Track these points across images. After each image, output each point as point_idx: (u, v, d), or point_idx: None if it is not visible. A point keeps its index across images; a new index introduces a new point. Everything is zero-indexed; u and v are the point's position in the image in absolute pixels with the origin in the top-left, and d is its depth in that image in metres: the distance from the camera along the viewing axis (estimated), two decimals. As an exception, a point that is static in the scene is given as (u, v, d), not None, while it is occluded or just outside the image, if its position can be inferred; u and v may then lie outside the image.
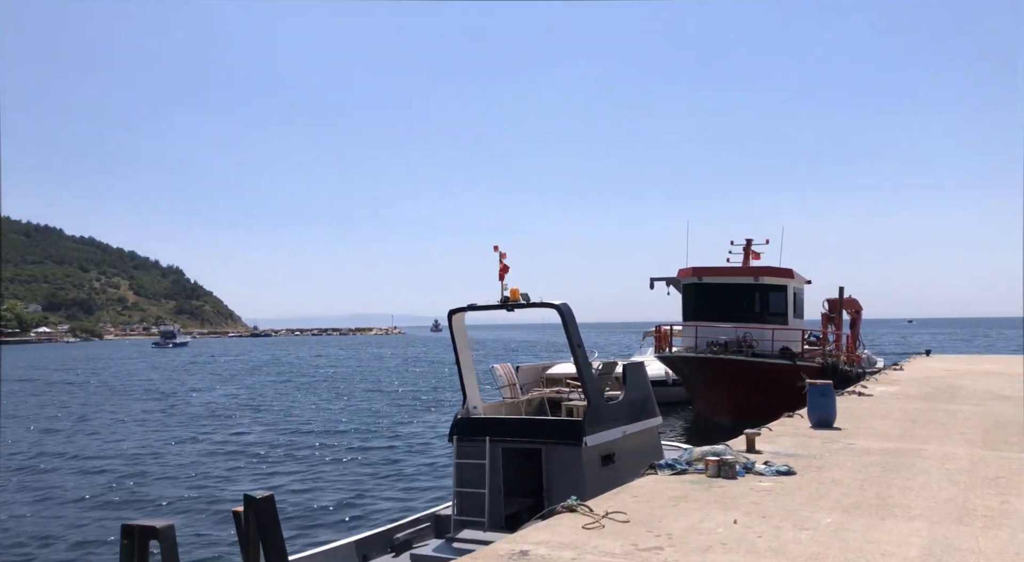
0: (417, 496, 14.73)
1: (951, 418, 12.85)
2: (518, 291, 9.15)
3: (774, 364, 20.72)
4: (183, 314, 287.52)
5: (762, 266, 23.19)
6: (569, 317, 8.95)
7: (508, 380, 10.53)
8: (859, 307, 27.86)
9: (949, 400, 15.56)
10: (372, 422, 26.55)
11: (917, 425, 12.09)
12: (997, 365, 25.72)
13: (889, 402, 15.36)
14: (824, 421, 12.01)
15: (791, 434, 11.31)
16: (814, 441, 10.62)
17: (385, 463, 18.72)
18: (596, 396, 9.12)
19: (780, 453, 9.55)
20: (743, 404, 20.45)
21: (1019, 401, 15.16)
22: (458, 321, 9.69)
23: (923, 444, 10.26)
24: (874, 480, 7.90)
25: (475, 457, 9.20)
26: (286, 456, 20.17)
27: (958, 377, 20.99)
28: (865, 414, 13.57)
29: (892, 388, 18.17)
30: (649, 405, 10.40)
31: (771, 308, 22.68)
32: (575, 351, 8.95)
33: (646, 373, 10.55)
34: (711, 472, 8.10)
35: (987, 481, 7.82)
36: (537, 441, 8.97)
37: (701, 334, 22.10)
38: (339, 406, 32.53)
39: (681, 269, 23.71)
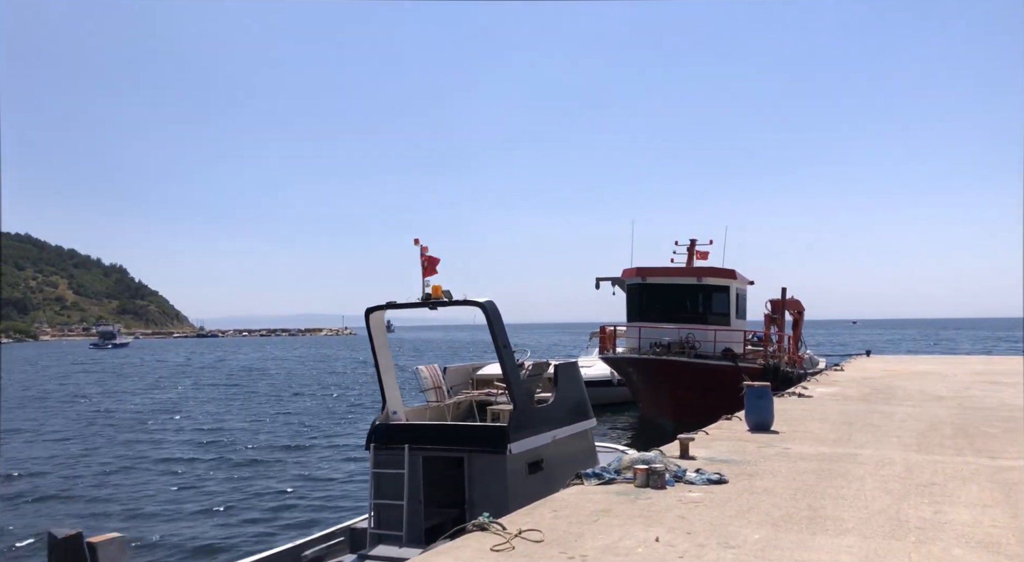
0: (336, 508, 13.93)
1: (887, 420, 12.71)
2: (440, 288, 8.58)
3: (716, 365, 20.56)
4: (127, 314, 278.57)
5: (705, 267, 23.06)
6: (494, 315, 8.42)
7: (433, 382, 9.95)
8: (801, 308, 28.01)
9: (886, 401, 15.51)
10: (299, 428, 25.24)
11: (854, 428, 11.90)
12: (933, 365, 26.11)
13: (828, 404, 15.23)
14: (761, 424, 11.72)
15: (727, 438, 10.97)
16: (750, 446, 10.29)
17: (305, 473, 17.66)
18: (523, 399, 8.60)
19: (714, 459, 9.17)
20: (685, 405, 20.24)
21: (953, 402, 15.18)
22: (376, 320, 9.08)
23: (859, 448, 10.01)
24: (807, 489, 7.54)
25: (393, 466, 8.60)
26: (195, 465, 18.87)
27: (896, 378, 21.13)
28: (803, 416, 13.36)
29: (832, 389, 18.12)
30: (583, 407, 9.94)
31: (714, 309, 22.55)
32: (500, 351, 8.42)
33: (580, 374, 10.09)
34: (639, 482, 7.65)
35: (921, 488, 7.54)
36: (459, 449, 8.41)
37: (644, 335, 21.83)
38: (268, 411, 31.02)
39: (626, 269, 23.44)
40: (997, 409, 13.95)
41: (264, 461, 19.36)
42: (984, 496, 7.20)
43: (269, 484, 16.48)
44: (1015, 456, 9.35)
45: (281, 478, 17.08)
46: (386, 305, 8.84)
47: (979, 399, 15.58)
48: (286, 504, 14.60)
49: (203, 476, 17.50)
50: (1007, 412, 13.55)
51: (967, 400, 15.44)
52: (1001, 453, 9.54)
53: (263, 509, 14.18)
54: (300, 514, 13.76)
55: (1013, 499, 7.07)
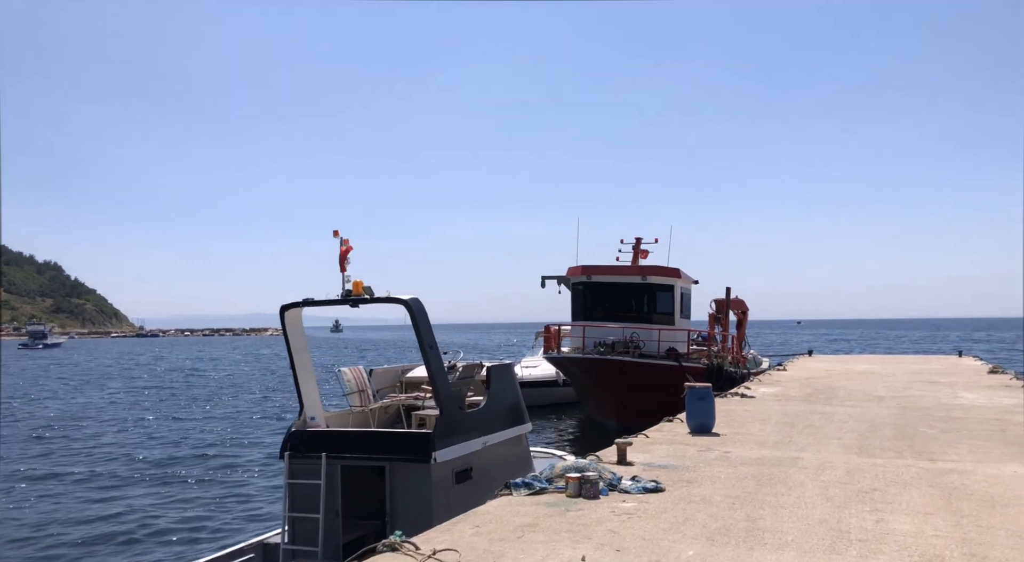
0: (247, 522, 13.03)
1: (828, 421, 12.54)
2: (361, 284, 7.98)
3: (660, 365, 20.34)
4: (61, 313, 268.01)
5: (650, 265, 22.84)
6: (419, 313, 7.85)
7: (357, 385, 9.33)
8: (745, 308, 28.06)
9: (827, 401, 15.43)
10: (216, 433, 23.62)
11: (795, 429, 11.68)
12: (872, 365, 26.43)
13: (770, 404, 15.06)
14: (702, 426, 11.41)
15: (667, 441, 10.62)
16: (690, 450, 9.94)
17: (216, 483, 16.36)
18: (450, 404, 8.05)
19: (652, 464, 8.78)
20: (629, 405, 19.96)
21: (892, 402, 15.17)
22: (292, 318, 8.43)
23: (800, 451, 9.74)
24: (746, 497, 7.17)
25: (309, 476, 7.97)
26: (98, 475, 17.27)
27: (837, 377, 21.23)
28: (745, 418, 13.13)
29: (774, 389, 18.04)
30: (517, 411, 9.44)
31: (658, 308, 22.34)
32: (426, 352, 7.87)
33: (514, 375, 9.59)
34: (571, 491, 7.18)
35: (862, 495, 7.24)
36: (380, 457, 7.82)
37: (589, 334, 21.48)
38: (186, 415, 29.05)
39: (571, 267, 23.07)
40: (934, 409, 13.95)
41: (171, 470, 17.95)
42: (926, 503, 6.93)
43: (174, 496, 15.18)
44: (954, 459, 9.19)
45: (188, 489, 15.78)
46: (302, 303, 8.20)
47: (917, 399, 15.62)
48: (193, 518, 13.42)
49: (102, 488, 16.01)
50: (944, 412, 13.55)
51: (906, 400, 15.46)
52: (940, 456, 9.38)
53: (167, 524, 13.02)
54: (208, 529, 12.70)
55: (954, 506, 6.81)
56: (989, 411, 13.58)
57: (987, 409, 13.85)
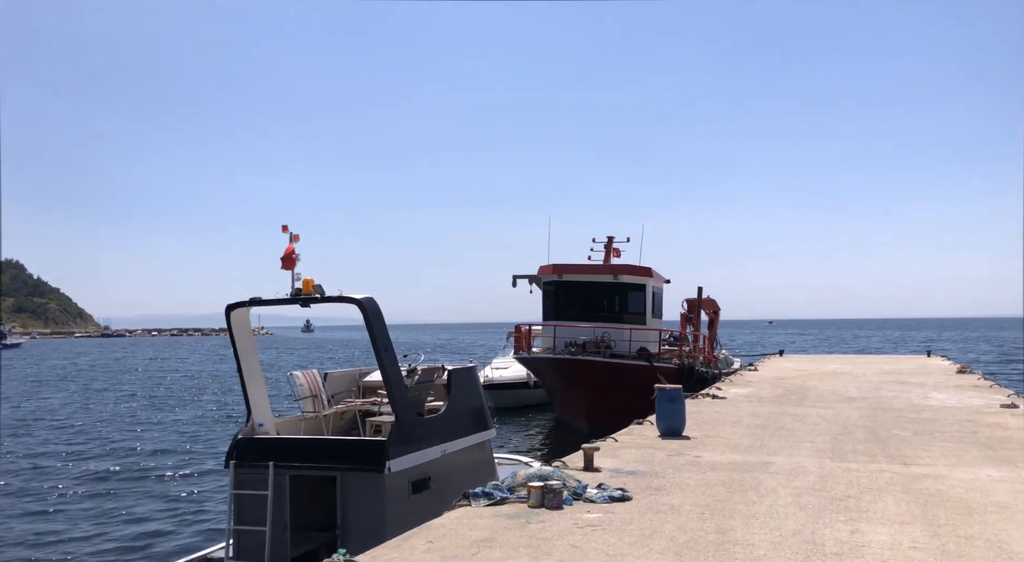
0: (191, 535, 12.27)
1: (800, 423, 12.31)
2: (312, 282, 7.52)
3: (631, 365, 20.05)
4: (23, 312, 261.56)
5: (621, 264, 22.56)
6: (373, 313, 7.41)
7: (310, 390, 8.85)
8: (717, 307, 27.94)
9: (799, 402, 15.23)
10: (166, 439, 22.45)
11: (767, 432, 11.41)
12: (843, 365, 26.43)
13: (741, 406, 14.82)
14: (673, 429, 11.10)
15: (636, 445, 10.28)
16: (659, 454, 9.61)
17: (159, 493, 15.37)
18: (406, 409, 7.62)
19: (620, 471, 8.43)
20: (601, 406, 19.64)
21: (864, 403, 15.01)
22: (239, 319, 7.93)
23: (772, 455, 9.46)
24: (717, 506, 6.84)
25: (256, 486, 7.49)
26: (32, 488, 16.07)
27: (808, 378, 21.12)
28: (716, 419, 12.85)
29: (745, 390, 17.83)
30: (480, 416, 9.03)
31: (630, 307, 22.06)
32: (380, 355, 7.43)
33: (477, 379, 9.18)
34: (533, 501, 6.79)
35: (836, 503, 6.95)
36: (331, 466, 7.37)
37: (560, 334, 21.13)
38: (139, 419, 27.57)
39: (542, 266, 22.70)
40: (906, 410, 13.80)
41: (113, 479, 16.83)
42: (902, 511, 6.65)
43: (115, 508, 14.17)
44: (927, 462, 8.96)
45: (130, 501, 14.75)
46: (249, 302, 7.72)
47: (888, 400, 15.49)
48: (132, 534, 12.50)
49: (36, 501, 14.94)
50: (915, 413, 13.40)
51: (877, 401, 15.32)
52: (914, 459, 9.15)
53: (105, 539, 12.17)
54: (149, 544, 11.89)
55: (931, 514, 6.54)
56: (960, 412, 13.45)
57: (958, 410, 13.73)
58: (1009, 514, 6.51)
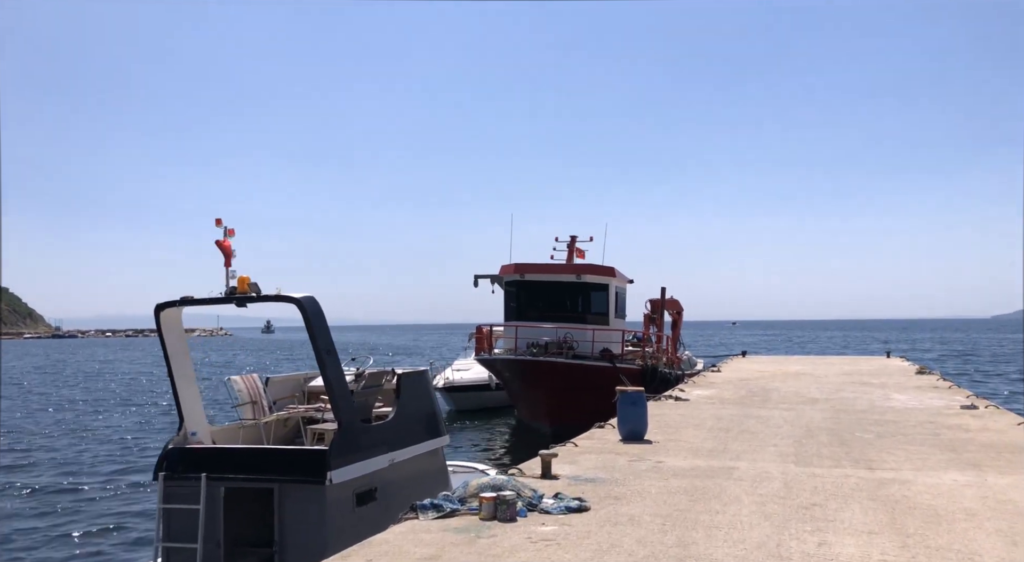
0: (122, 552, 11.48)
1: (764, 426, 12.09)
2: (247, 280, 7.00)
3: (593, 366, 19.76)
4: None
5: (584, 264, 22.27)
6: (314, 314, 6.92)
7: (250, 395, 8.31)
8: (680, 308, 27.84)
9: (762, 404, 15.05)
10: (100, 447, 21.15)
11: (730, 435, 11.15)
12: (805, 366, 26.48)
13: (704, 408, 14.58)
14: (635, 433, 10.77)
15: (597, 450, 9.92)
16: (620, 460, 9.26)
17: (84, 507, 14.32)
18: (350, 416, 7.15)
19: (579, 478, 8.05)
20: (563, 408, 19.31)
21: (826, 404, 14.88)
22: (169, 319, 7.38)
23: (735, 460, 9.17)
24: (678, 516, 6.50)
25: (186, 500, 6.95)
26: None
27: (770, 379, 21.04)
28: (679, 423, 12.58)
29: (708, 391, 17.63)
30: (432, 422, 8.59)
31: (593, 308, 21.78)
32: (322, 358, 6.94)
33: (429, 383, 8.73)
34: (485, 513, 6.37)
35: (802, 511, 6.65)
36: (268, 478, 6.86)
37: (522, 335, 20.75)
38: (70, 426, 25.93)
39: (503, 265, 22.30)
40: (868, 412, 13.69)
41: (40, 494, 15.65)
42: (869, 519, 6.38)
43: (37, 527, 13.09)
44: (892, 466, 8.75)
45: (54, 518, 13.67)
46: (180, 301, 7.16)
47: (850, 401, 15.39)
48: (57, 553, 11.54)
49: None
50: (878, 414, 13.28)
51: (839, 402, 15.21)
52: (879, 463, 8.93)
53: (25, 555, 11.29)
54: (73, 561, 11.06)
55: (899, 523, 6.27)
56: (921, 413, 13.38)
57: (919, 411, 13.66)
58: (977, 522, 6.27)
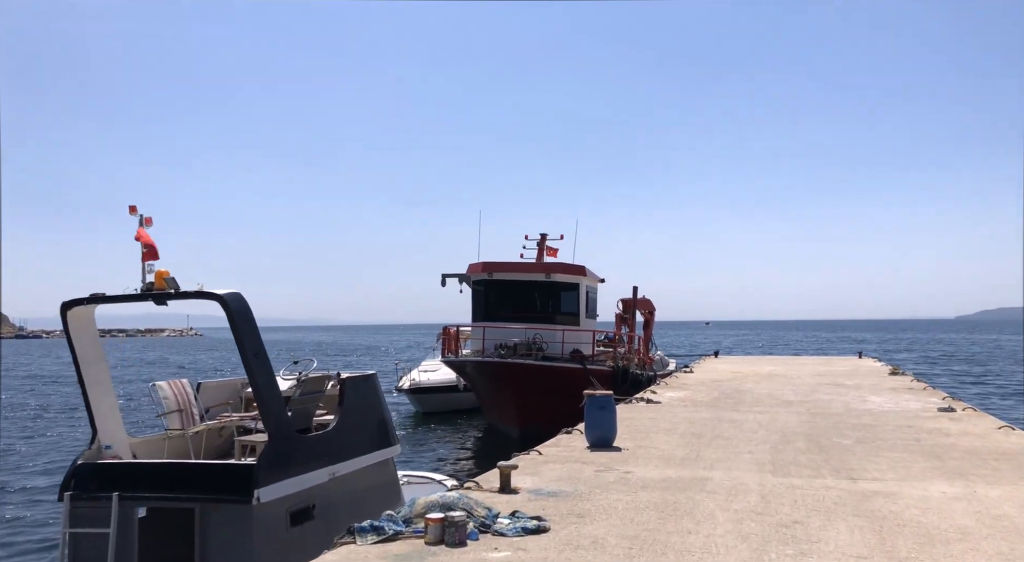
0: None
1: (738, 430, 11.53)
2: (165, 274, 6.23)
3: (563, 367, 19.13)
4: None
5: (554, 263, 21.63)
6: (239, 312, 6.17)
7: (178, 402, 7.52)
8: (652, 307, 27.32)
9: (735, 407, 14.52)
10: (18, 462, 19.12)
11: (703, 441, 10.57)
12: (778, 367, 26.10)
13: (677, 411, 14.01)
14: (603, 440, 10.14)
15: (562, 459, 9.27)
16: (587, 470, 8.62)
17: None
18: (283, 426, 6.40)
19: (540, 491, 7.39)
20: (532, 411, 18.68)
21: (802, 407, 14.39)
22: (78, 319, 6.57)
23: (709, 469, 8.57)
24: (647, 538, 5.85)
25: (96, 523, 6.15)
26: None
27: (743, 380, 20.58)
28: (650, 427, 11.98)
29: (681, 393, 17.09)
30: (380, 431, 7.87)
31: (563, 307, 21.16)
32: (249, 361, 6.20)
33: (376, 388, 8.00)
34: (431, 537, 5.68)
35: (782, 530, 6.05)
36: (187, 497, 6.10)
37: (490, 335, 20.06)
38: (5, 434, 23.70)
39: (471, 264, 21.59)
40: (845, 415, 13.21)
41: None
42: (855, 539, 5.79)
43: None
44: (875, 476, 8.21)
45: None
46: (89, 299, 6.36)
47: (826, 404, 14.93)
48: None
49: None
50: (855, 418, 12.80)
51: (815, 405, 14.73)
52: (860, 472, 8.38)
53: None
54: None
55: (889, 544, 5.69)
56: (899, 417, 12.92)
57: (897, 414, 13.21)
58: (974, 542, 5.71)
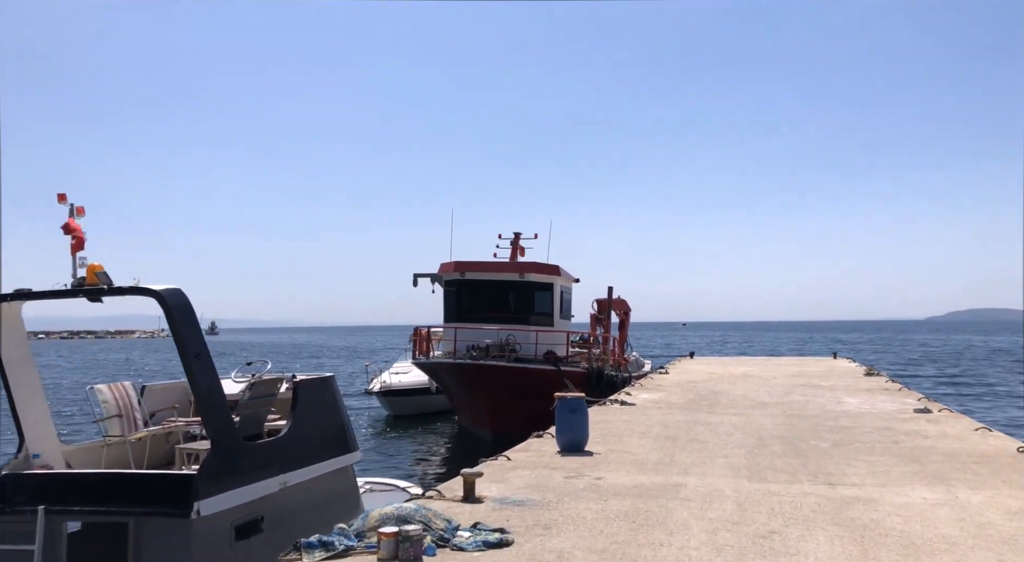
0: None
1: (713, 433, 11.23)
2: (98, 268, 5.75)
3: (536, 369, 18.75)
4: None
5: (528, 262, 21.23)
6: (178, 309, 5.71)
7: (119, 407, 7.02)
8: (628, 308, 27.04)
9: (710, 409, 14.24)
10: None
11: (678, 445, 10.25)
12: (752, 367, 25.98)
13: (651, 413, 13.70)
14: (574, 444, 9.77)
15: (531, 464, 8.89)
16: (556, 476, 8.24)
17: None
18: (227, 433, 5.95)
19: (506, 500, 7.00)
20: (504, 414, 18.26)
21: (777, 409, 14.15)
22: (3, 317, 6.05)
23: (683, 475, 8.24)
24: (616, 551, 5.49)
25: (20, 539, 5.65)
26: None
27: (718, 381, 20.37)
28: (623, 430, 11.64)
29: (655, 395, 16.80)
30: (338, 437, 7.42)
31: (536, 308, 20.78)
32: (189, 362, 5.74)
33: (333, 391, 7.56)
34: (384, 553, 5.26)
35: (759, 541, 5.71)
36: (121, 511, 5.62)
37: (462, 336, 19.62)
38: None
39: (443, 263, 21.13)
40: (821, 417, 12.97)
41: None
42: (837, 552, 5.47)
43: None
44: (854, 481, 7.92)
45: None
46: (13, 295, 5.86)
47: (801, 405, 14.70)
48: None
49: None
50: (832, 421, 12.57)
51: (790, 407, 14.50)
52: (839, 477, 8.10)
53: None
54: None
55: (872, 555, 5.38)
56: (876, 418, 12.71)
57: (873, 416, 13.00)
58: (960, 554, 5.42)
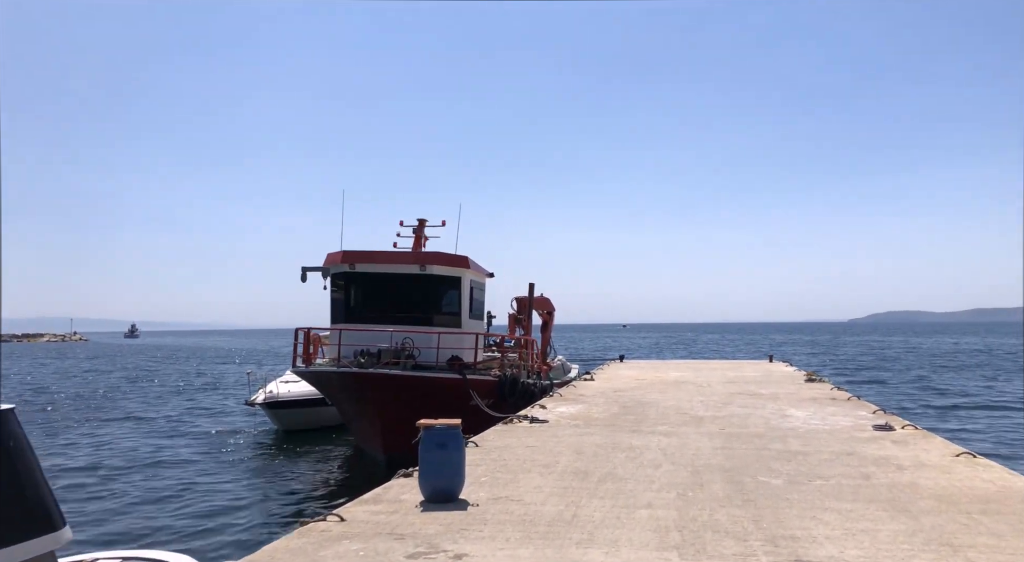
0: None
1: (636, 465, 8.70)
2: None
3: (437, 378, 15.95)
4: None
5: (431, 252, 18.35)
6: None
7: None
8: (551, 307, 24.59)
9: (636, 426, 11.75)
10: None
11: (588, 485, 7.66)
12: (685, 372, 23.77)
13: (564, 434, 11.10)
14: (443, 491, 7.07)
15: (373, 526, 6.14)
16: (398, 551, 5.51)
17: None
18: None
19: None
20: (398, 432, 15.33)
21: (714, 425, 11.75)
22: None
23: (585, 546, 5.62)
24: None
25: None
26: None
27: (648, 388, 17.99)
28: (523, 461, 9.01)
29: (574, 408, 14.25)
30: (24, 510, 4.49)
31: (442, 306, 17.97)
32: None
33: (17, 435, 4.62)
34: None
35: None
36: None
37: (352, 340, 16.64)
38: None
39: (330, 254, 18.08)
40: (767, 437, 10.62)
41: None
42: None
43: None
44: (831, 551, 5.45)
45: None
46: None
47: (742, 419, 12.37)
48: None
49: None
50: (780, 442, 10.22)
51: (729, 421, 12.14)
52: (808, 545, 5.60)
53: None
54: None
55: None
56: (832, 439, 10.41)
57: (828, 436, 10.71)
58: None
